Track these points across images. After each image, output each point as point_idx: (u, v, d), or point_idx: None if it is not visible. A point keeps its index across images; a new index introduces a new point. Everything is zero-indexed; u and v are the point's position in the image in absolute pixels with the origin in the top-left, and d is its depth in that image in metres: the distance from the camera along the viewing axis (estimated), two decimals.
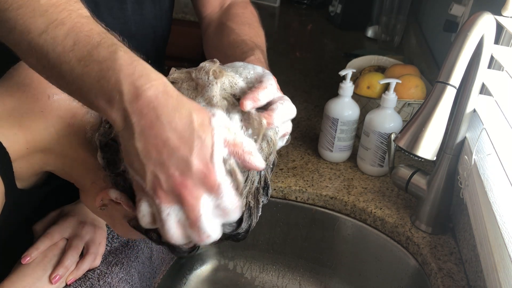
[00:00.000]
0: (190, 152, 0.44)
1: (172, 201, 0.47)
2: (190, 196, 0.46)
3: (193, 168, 0.45)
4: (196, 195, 0.46)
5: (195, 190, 0.46)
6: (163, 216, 0.48)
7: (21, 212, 0.66)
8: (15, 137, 0.56)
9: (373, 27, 1.96)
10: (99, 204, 0.56)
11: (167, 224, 0.48)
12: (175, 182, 0.45)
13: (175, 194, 0.46)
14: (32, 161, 0.59)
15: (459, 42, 0.71)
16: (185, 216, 0.47)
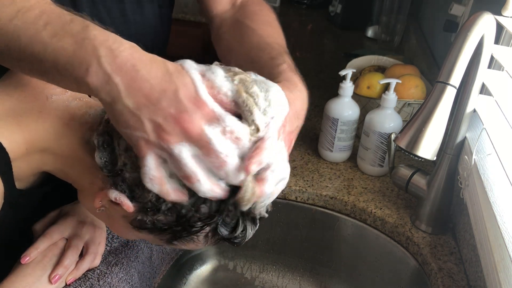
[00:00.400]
0: (177, 91, 0.47)
1: (179, 138, 0.47)
2: (193, 126, 0.47)
3: (185, 103, 0.47)
4: (198, 124, 0.47)
5: (195, 120, 0.47)
6: (176, 155, 0.47)
7: (20, 212, 0.66)
8: (14, 136, 0.56)
9: (373, 27, 1.96)
10: (98, 205, 0.56)
11: (183, 161, 0.48)
12: (175, 119, 0.47)
13: (178, 130, 0.47)
14: (31, 161, 0.59)
15: (459, 42, 0.71)
16: (197, 146, 0.47)
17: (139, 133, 0.48)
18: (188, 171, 0.48)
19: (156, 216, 0.53)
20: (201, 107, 0.47)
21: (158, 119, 0.47)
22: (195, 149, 0.48)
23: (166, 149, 0.48)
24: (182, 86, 0.47)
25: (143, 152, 0.49)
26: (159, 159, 0.49)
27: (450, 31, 1.22)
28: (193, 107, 0.47)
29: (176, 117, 0.47)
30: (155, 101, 0.47)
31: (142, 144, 0.48)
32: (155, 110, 0.47)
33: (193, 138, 0.47)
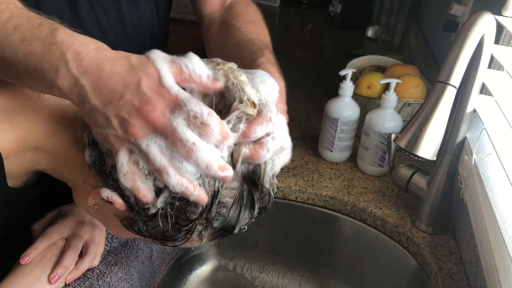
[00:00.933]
0: (139, 83, 0.47)
1: (145, 131, 0.47)
2: (157, 116, 0.47)
3: (148, 94, 0.47)
4: (161, 113, 0.47)
5: (158, 110, 0.47)
6: (144, 149, 0.47)
7: (13, 211, 0.66)
8: (5, 134, 0.56)
9: (373, 27, 1.96)
10: (91, 203, 0.55)
11: (151, 155, 0.47)
12: (138, 111, 0.47)
13: (143, 122, 0.47)
14: (23, 159, 0.58)
15: (459, 42, 0.71)
16: (163, 138, 0.47)
17: (107, 130, 0.48)
18: (157, 164, 0.48)
19: (146, 217, 0.52)
20: (164, 95, 0.47)
21: (123, 113, 0.47)
22: (164, 142, 0.48)
23: (134, 143, 0.48)
24: (145, 77, 0.47)
25: (114, 148, 0.49)
26: (132, 155, 0.49)
27: (450, 31, 1.22)
28: (156, 96, 0.47)
29: (139, 109, 0.47)
30: (119, 96, 0.47)
31: (113, 140, 0.49)
32: (119, 105, 0.47)
33: (158, 129, 0.47)
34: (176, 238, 0.54)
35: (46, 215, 0.73)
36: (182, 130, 0.47)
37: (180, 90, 0.48)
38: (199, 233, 0.55)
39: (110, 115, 0.48)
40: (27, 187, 0.64)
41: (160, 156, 0.48)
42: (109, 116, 0.48)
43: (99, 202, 0.55)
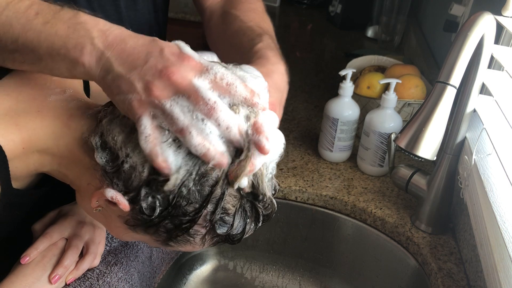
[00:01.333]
0: (162, 50, 0.50)
1: (169, 92, 0.49)
2: (181, 77, 0.49)
3: (171, 58, 0.49)
4: (185, 75, 0.49)
5: (182, 72, 0.49)
6: (167, 109, 0.49)
7: (17, 212, 0.66)
8: (11, 136, 0.56)
9: (373, 27, 1.96)
10: (95, 205, 0.56)
11: (174, 115, 0.49)
12: (162, 74, 0.49)
13: (167, 83, 0.49)
14: (28, 161, 0.58)
15: (459, 42, 0.71)
16: (186, 98, 0.49)
17: (131, 95, 0.50)
18: (180, 124, 0.49)
19: (150, 215, 0.52)
20: (187, 60, 0.50)
21: (147, 77, 0.49)
22: (187, 102, 0.49)
23: (158, 105, 0.49)
24: (166, 46, 0.50)
25: (138, 113, 0.50)
26: (155, 120, 0.50)
27: (450, 31, 1.22)
28: (179, 61, 0.49)
29: (163, 71, 0.49)
30: (143, 62, 0.49)
31: (136, 105, 0.50)
32: (144, 70, 0.49)
33: (181, 89, 0.49)
34: (178, 239, 0.54)
35: (46, 215, 0.73)
36: (204, 89, 0.49)
37: (202, 58, 0.51)
38: (202, 236, 0.55)
39: (135, 79, 0.49)
40: (30, 188, 0.64)
41: (183, 116, 0.49)
42: (133, 81, 0.49)
43: (103, 204, 0.55)
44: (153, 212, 0.52)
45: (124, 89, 0.50)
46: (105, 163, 0.54)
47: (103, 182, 0.54)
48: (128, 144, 0.52)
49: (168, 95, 0.49)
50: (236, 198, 0.54)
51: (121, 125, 0.54)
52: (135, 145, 0.52)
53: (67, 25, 0.51)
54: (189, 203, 0.51)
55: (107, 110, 0.56)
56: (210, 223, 0.53)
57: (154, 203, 0.52)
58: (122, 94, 0.50)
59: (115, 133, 0.53)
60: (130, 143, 0.52)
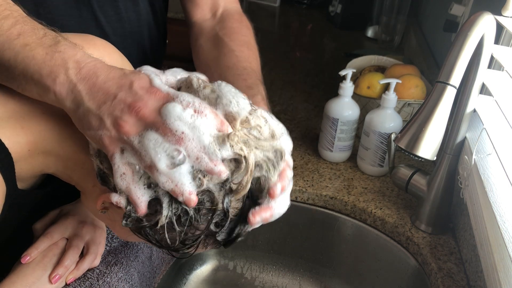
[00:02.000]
0: (132, 84, 0.50)
1: (137, 127, 0.49)
2: (148, 110, 0.49)
3: (139, 93, 0.50)
4: (152, 107, 0.49)
5: (149, 105, 0.49)
6: (136, 146, 0.49)
7: (21, 212, 0.66)
8: (17, 138, 0.56)
9: (373, 27, 1.96)
10: (100, 207, 0.56)
11: (142, 151, 0.48)
12: (130, 108, 0.49)
13: (135, 118, 0.49)
14: (33, 163, 0.59)
15: (459, 42, 0.71)
16: (154, 130, 0.48)
17: (101, 132, 0.50)
18: (148, 160, 0.48)
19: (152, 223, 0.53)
20: (155, 93, 0.50)
21: (116, 112, 0.49)
22: (155, 135, 0.48)
23: (127, 141, 0.49)
24: (136, 80, 0.51)
25: (109, 150, 0.50)
26: (126, 157, 0.50)
27: (450, 31, 1.22)
28: (147, 94, 0.50)
29: (131, 106, 0.49)
30: (113, 96, 0.50)
31: (107, 141, 0.50)
32: (113, 105, 0.50)
33: (149, 123, 0.49)
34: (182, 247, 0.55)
35: (47, 214, 0.73)
36: (171, 120, 0.48)
37: (170, 88, 0.51)
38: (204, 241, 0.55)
39: (104, 115, 0.49)
40: (34, 189, 0.64)
41: (150, 150, 0.48)
42: (102, 117, 0.50)
43: (108, 206, 0.55)
44: (155, 226, 0.52)
45: (94, 125, 0.50)
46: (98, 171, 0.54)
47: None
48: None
49: (137, 130, 0.49)
50: (238, 209, 0.54)
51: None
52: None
53: (45, 51, 0.52)
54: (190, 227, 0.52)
55: None
56: (213, 233, 0.53)
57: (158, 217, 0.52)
58: (93, 130, 0.51)
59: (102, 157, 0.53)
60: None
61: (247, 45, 0.80)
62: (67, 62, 0.51)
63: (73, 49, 0.53)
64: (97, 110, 0.50)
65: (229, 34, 0.81)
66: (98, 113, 0.50)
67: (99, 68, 0.52)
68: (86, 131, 0.52)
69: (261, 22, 2.15)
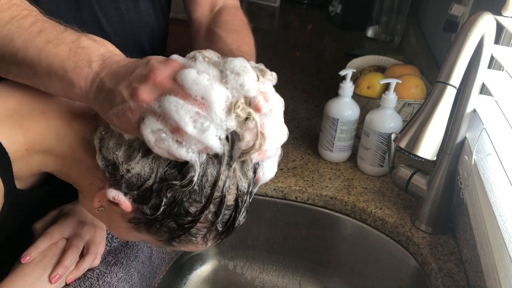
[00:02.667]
0: (149, 60, 0.52)
1: (155, 93, 0.49)
2: (165, 77, 0.50)
3: (155, 64, 0.51)
4: (169, 74, 0.50)
5: (166, 72, 0.50)
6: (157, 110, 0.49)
7: (20, 212, 0.66)
8: (15, 137, 0.56)
9: (373, 27, 1.96)
10: (97, 205, 0.56)
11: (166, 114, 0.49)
12: (146, 77, 0.49)
13: (152, 85, 0.49)
14: (31, 162, 0.59)
15: (459, 42, 0.71)
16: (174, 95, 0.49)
17: (121, 106, 0.50)
18: (173, 123, 0.49)
19: (153, 214, 0.53)
20: (170, 63, 0.51)
21: (133, 84, 0.50)
22: (175, 99, 0.49)
23: (147, 109, 0.49)
24: (153, 57, 0.52)
25: (134, 123, 0.50)
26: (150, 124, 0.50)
27: (450, 31, 1.22)
28: (163, 65, 0.51)
29: (147, 75, 0.50)
30: (130, 72, 0.51)
31: (129, 115, 0.50)
32: (130, 79, 0.50)
33: (166, 89, 0.49)
34: (181, 238, 0.54)
35: (47, 214, 0.73)
36: (188, 85, 0.49)
37: (187, 60, 0.52)
38: (204, 236, 0.55)
39: (122, 89, 0.50)
40: (34, 188, 0.64)
41: (173, 114, 0.49)
42: (121, 91, 0.50)
43: (105, 204, 0.55)
44: (156, 212, 0.52)
45: (114, 101, 0.51)
46: (105, 166, 0.54)
47: (105, 182, 0.55)
48: (128, 161, 0.52)
49: (154, 96, 0.49)
50: (236, 195, 0.54)
51: (117, 139, 0.54)
52: (136, 162, 0.52)
53: (69, 47, 0.53)
54: (191, 202, 0.52)
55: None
56: (212, 223, 0.53)
57: (157, 203, 0.52)
58: (114, 108, 0.51)
59: (112, 147, 0.54)
60: (131, 161, 0.52)
61: (237, 33, 0.80)
62: (91, 56, 0.53)
63: (95, 43, 0.54)
64: (116, 87, 0.51)
65: (220, 25, 0.81)
66: (117, 89, 0.50)
67: (122, 58, 0.54)
68: (107, 112, 0.52)
69: (261, 22, 2.15)
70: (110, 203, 0.54)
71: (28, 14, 0.55)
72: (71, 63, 0.52)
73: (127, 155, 0.53)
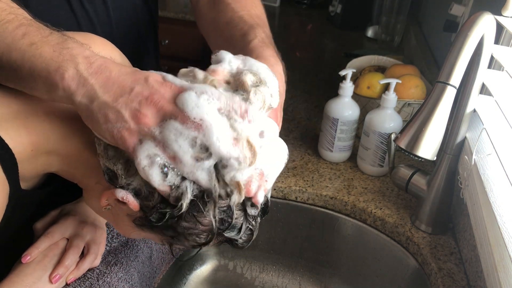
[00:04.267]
0: (147, 78, 0.51)
1: (157, 118, 0.50)
2: (166, 102, 0.50)
3: (155, 86, 0.50)
4: (170, 99, 0.50)
5: (167, 97, 0.50)
6: (157, 136, 0.49)
7: (24, 212, 0.66)
8: (20, 138, 0.56)
9: (373, 27, 1.96)
10: (104, 204, 0.56)
11: (165, 140, 0.49)
12: (148, 101, 0.49)
13: (154, 110, 0.49)
14: (36, 162, 0.59)
15: (459, 42, 0.71)
16: (174, 120, 0.49)
17: (119, 124, 0.50)
18: (171, 150, 0.49)
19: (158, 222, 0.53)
20: (170, 86, 0.51)
21: (134, 104, 0.49)
22: (175, 124, 0.49)
23: (147, 133, 0.49)
24: (150, 74, 0.52)
25: (130, 143, 0.50)
26: (147, 149, 0.50)
27: (450, 31, 1.22)
28: (162, 87, 0.50)
29: (149, 98, 0.49)
30: (129, 89, 0.50)
31: (126, 134, 0.50)
32: (130, 98, 0.50)
33: (168, 113, 0.49)
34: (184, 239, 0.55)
35: (48, 214, 0.73)
36: (189, 108, 0.49)
37: (183, 81, 0.52)
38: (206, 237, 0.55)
39: (121, 107, 0.49)
40: (37, 188, 0.64)
41: (174, 140, 0.49)
42: (120, 109, 0.49)
43: (112, 203, 0.55)
44: (161, 220, 0.52)
45: (111, 117, 0.50)
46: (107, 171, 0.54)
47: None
48: (127, 176, 0.53)
49: (156, 121, 0.49)
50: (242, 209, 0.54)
51: (115, 150, 0.54)
52: (135, 176, 0.52)
53: (53, 48, 0.52)
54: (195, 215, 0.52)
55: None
56: (215, 227, 0.53)
57: (161, 217, 0.52)
58: (110, 124, 0.50)
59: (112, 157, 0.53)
60: (130, 177, 0.53)
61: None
62: (76, 58, 0.51)
63: (80, 46, 0.53)
64: (113, 103, 0.50)
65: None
66: (115, 106, 0.50)
67: (110, 63, 0.52)
68: (101, 126, 0.51)
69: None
70: (118, 202, 0.54)
71: (14, 18, 0.54)
72: (54, 64, 0.51)
73: (125, 168, 0.53)
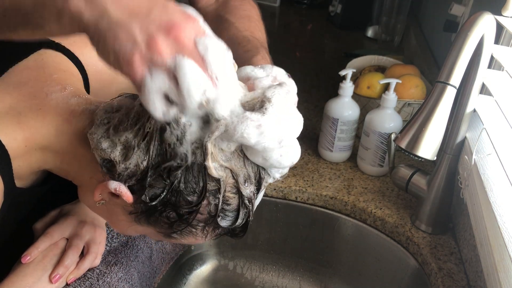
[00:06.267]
0: (166, 4, 0.45)
1: (173, 50, 0.45)
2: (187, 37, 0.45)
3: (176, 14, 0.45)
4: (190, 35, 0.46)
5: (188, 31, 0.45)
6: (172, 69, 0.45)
7: (20, 211, 0.66)
8: (14, 134, 0.56)
9: (373, 27, 1.96)
10: (98, 198, 0.56)
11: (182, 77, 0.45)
12: (168, 29, 0.44)
13: (173, 42, 0.45)
14: (31, 159, 0.59)
15: (459, 42, 0.71)
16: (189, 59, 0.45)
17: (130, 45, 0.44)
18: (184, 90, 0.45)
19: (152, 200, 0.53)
20: (193, 21, 0.46)
21: (150, 28, 0.44)
22: (193, 64, 0.45)
23: (159, 63, 0.45)
24: (170, 1, 0.46)
25: (138, 71, 0.45)
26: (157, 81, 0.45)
27: (450, 31, 1.22)
28: (184, 19, 0.46)
29: (168, 26, 0.44)
30: (146, 10, 0.45)
31: (135, 59, 0.44)
32: (147, 20, 0.44)
33: (187, 51, 0.45)
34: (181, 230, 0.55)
35: (47, 214, 0.73)
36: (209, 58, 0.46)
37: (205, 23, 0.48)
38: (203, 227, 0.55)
39: (135, 28, 0.44)
40: (34, 186, 0.64)
41: (187, 80, 0.45)
42: (133, 30, 0.44)
43: (106, 197, 0.55)
44: (156, 199, 0.52)
45: (121, 37, 0.44)
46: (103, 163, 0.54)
47: (106, 175, 0.55)
48: (125, 160, 0.53)
49: (171, 53, 0.45)
50: (237, 193, 0.54)
51: (110, 142, 0.53)
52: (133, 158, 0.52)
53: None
54: (190, 192, 0.52)
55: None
56: (210, 215, 0.53)
57: (156, 192, 0.52)
58: (119, 45, 0.44)
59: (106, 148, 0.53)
60: (128, 160, 0.52)
61: (248, 18, 0.77)
62: None
63: None
64: (127, 21, 0.44)
65: (230, 11, 0.78)
66: (128, 25, 0.44)
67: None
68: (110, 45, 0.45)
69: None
70: (111, 195, 0.54)
71: None
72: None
73: (123, 154, 0.53)
